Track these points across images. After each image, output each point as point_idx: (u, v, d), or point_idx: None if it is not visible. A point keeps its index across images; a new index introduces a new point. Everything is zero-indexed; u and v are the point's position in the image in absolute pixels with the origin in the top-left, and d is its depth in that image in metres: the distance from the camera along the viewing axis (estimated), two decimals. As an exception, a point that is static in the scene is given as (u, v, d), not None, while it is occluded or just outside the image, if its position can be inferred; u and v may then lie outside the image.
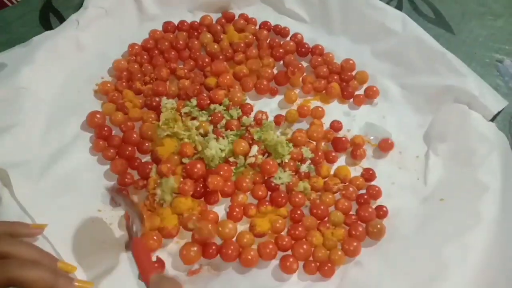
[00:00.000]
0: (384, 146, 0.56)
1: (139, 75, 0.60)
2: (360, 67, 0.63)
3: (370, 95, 0.60)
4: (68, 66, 0.59)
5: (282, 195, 0.50)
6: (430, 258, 0.45)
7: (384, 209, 0.50)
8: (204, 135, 0.55)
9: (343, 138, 0.55)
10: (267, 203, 0.50)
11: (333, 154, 0.55)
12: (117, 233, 0.48)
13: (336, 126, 0.57)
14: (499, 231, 0.46)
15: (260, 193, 0.51)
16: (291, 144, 0.55)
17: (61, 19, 0.65)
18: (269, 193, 0.52)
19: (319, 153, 0.54)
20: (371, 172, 0.53)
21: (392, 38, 0.63)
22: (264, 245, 0.47)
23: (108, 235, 0.48)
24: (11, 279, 0.34)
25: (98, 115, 0.55)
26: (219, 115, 0.56)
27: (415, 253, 0.46)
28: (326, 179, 0.53)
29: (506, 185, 0.49)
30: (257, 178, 0.52)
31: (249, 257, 0.46)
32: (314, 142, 0.56)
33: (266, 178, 0.52)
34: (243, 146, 0.53)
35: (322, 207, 0.50)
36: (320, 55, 0.63)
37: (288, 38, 0.66)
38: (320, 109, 0.58)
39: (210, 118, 0.56)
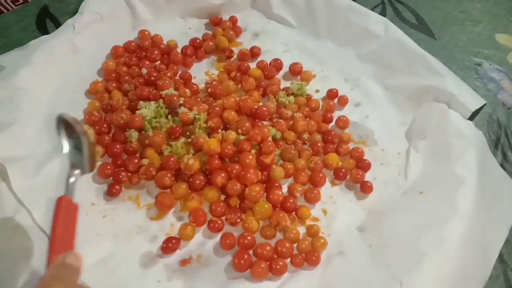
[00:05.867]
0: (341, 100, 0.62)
1: (126, 77, 0.61)
2: (345, 69, 0.66)
3: (331, 96, 0.63)
4: (64, 68, 0.61)
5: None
6: (409, 248, 0.47)
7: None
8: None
9: (333, 132, 0.58)
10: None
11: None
12: (110, 225, 0.50)
13: (327, 119, 0.60)
14: (474, 222, 0.48)
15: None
16: None
17: (58, 24, 0.67)
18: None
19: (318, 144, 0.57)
20: (360, 150, 0.57)
21: (375, 41, 0.65)
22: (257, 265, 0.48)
23: (102, 227, 0.49)
24: None
25: (96, 113, 0.57)
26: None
27: (395, 243, 0.49)
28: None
29: (482, 179, 0.51)
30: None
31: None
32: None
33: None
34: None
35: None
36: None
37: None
38: (331, 103, 0.62)
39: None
